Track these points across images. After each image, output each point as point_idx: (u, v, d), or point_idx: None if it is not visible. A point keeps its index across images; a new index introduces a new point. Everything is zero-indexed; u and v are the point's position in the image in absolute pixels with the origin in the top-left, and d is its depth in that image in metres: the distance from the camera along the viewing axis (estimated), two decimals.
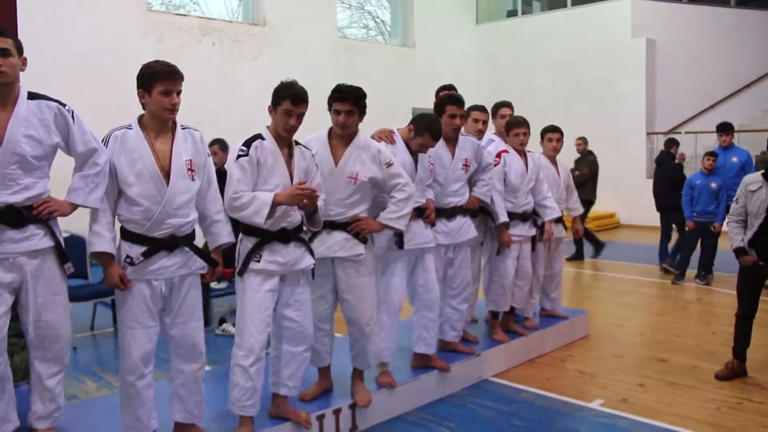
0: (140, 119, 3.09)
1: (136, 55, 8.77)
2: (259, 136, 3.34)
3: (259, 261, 3.31)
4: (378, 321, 3.96)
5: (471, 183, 4.67)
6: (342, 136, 3.68)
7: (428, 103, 4.21)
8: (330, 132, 3.72)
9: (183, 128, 3.16)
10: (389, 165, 3.75)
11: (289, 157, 3.38)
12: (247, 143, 3.30)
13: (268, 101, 3.33)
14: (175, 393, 3.26)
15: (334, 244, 3.68)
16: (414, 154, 4.09)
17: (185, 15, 10.52)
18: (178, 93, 3.03)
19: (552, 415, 4.15)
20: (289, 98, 3.27)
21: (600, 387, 4.60)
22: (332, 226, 3.68)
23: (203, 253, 3.21)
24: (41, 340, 3.08)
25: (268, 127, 3.39)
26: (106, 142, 3.07)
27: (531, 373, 4.90)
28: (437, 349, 4.51)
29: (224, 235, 3.30)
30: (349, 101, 3.58)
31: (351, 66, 12.03)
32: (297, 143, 3.46)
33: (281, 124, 3.30)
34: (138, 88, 3.02)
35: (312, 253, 3.50)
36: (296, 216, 3.41)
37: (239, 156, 3.26)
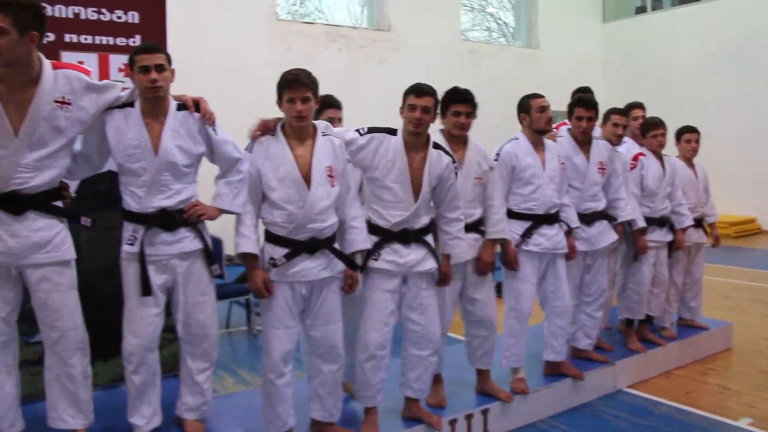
0: (282, 126, 3.20)
1: (265, 63, 9.17)
2: (390, 131, 3.41)
3: (377, 260, 3.35)
4: (508, 327, 3.94)
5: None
6: (459, 137, 3.70)
7: (554, 105, 4.13)
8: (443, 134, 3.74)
9: (324, 135, 3.24)
10: (492, 169, 3.81)
11: (422, 161, 3.40)
12: (372, 129, 3.41)
13: (393, 106, 3.39)
14: (314, 392, 3.36)
15: (467, 246, 3.70)
16: (540, 152, 4.08)
17: (312, 23, 10.83)
18: (305, 100, 3.08)
19: (694, 431, 3.95)
20: (413, 92, 3.32)
21: (747, 405, 4.31)
22: (465, 227, 3.68)
23: (344, 256, 3.28)
24: (191, 338, 3.25)
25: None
26: (250, 147, 3.20)
27: (668, 385, 4.68)
28: (570, 356, 4.41)
29: (359, 241, 3.34)
30: (469, 102, 3.63)
31: (474, 69, 11.96)
32: (438, 147, 3.48)
33: (406, 119, 3.34)
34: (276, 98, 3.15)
35: (436, 256, 3.50)
36: (422, 219, 3.43)
37: (356, 130, 3.39)
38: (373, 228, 3.40)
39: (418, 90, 3.32)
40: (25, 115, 2.76)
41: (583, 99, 4.35)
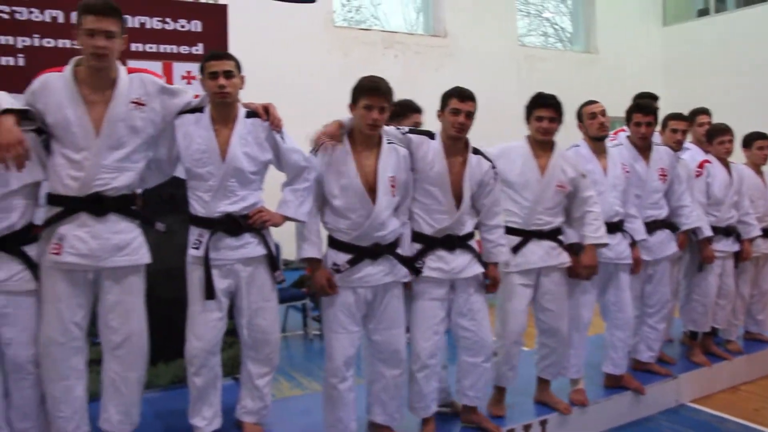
0: (349, 133, 3.21)
1: (322, 70, 9.24)
2: (429, 134, 3.40)
3: (422, 267, 3.34)
4: (568, 337, 3.89)
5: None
6: (543, 142, 3.66)
7: (612, 111, 4.06)
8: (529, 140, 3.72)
9: (389, 143, 3.24)
10: (584, 176, 3.72)
11: (461, 166, 3.38)
12: (412, 131, 3.40)
13: None
14: (376, 396, 3.37)
15: (543, 254, 3.66)
16: (602, 159, 4.02)
17: (368, 29, 10.87)
18: (382, 110, 3.10)
19: None
20: (456, 95, 3.29)
21: None
22: (539, 235, 3.64)
23: (407, 261, 3.28)
24: (253, 342, 3.28)
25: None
26: (315, 150, 3.22)
27: (735, 401, 4.54)
28: (631, 368, 4.31)
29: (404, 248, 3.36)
30: (552, 107, 3.59)
31: (532, 74, 11.81)
32: (477, 152, 3.45)
33: (449, 123, 3.31)
34: (350, 102, 3.16)
35: (480, 260, 3.47)
36: (466, 225, 3.40)
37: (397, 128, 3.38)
38: (416, 236, 3.39)
39: (462, 94, 3.30)
40: (104, 115, 2.87)
41: (641, 104, 4.27)
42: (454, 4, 11.18)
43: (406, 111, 3.64)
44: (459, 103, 3.28)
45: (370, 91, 3.09)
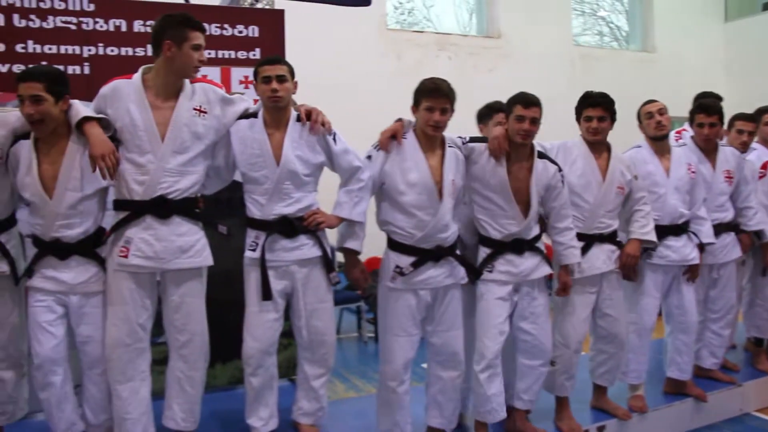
0: (415, 129, 3.23)
1: (376, 72, 9.27)
2: (482, 140, 3.37)
3: (491, 272, 3.32)
4: (629, 342, 3.80)
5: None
6: (595, 143, 3.59)
7: (672, 111, 3.96)
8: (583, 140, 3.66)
9: (450, 147, 3.24)
10: (636, 178, 3.67)
11: (527, 171, 3.34)
12: (474, 139, 3.40)
13: None
14: (433, 399, 3.37)
15: (606, 258, 3.61)
16: (665, 160, 3.92)
17: (422, 32, 10.86)
18: (444, 111, 3.10)
19: None
20: (520, 102, 3.25)
21: None
22: (600, 238, 3.58)
23: (467, 262, 3.28)
24: (309, 344, 3.31)
25: None
26: (372, 154, 3.23)
27: None
28: (693, 375, 4.19)
29: None
30: (601, 106, 3.52)
31: (587, 75, 11.61)
32: (543, 156, 3.40)
33: (515, 130, 3.27)
34: (412, 104, 3.18)
35: (549, 263, 3.42)
36: (534, 229, 3.37)
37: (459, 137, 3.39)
38: (484, 239, 3.38)
39: (526, 100, 3.25)
40: (168, 121, 2.98)
41: (704, 104, 4.14)
42: (507, 4, 11.08)
43: (491, 111, 3.59)
44: (523, 109, 3.24)
45: (431, 93, 3.10)
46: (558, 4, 11.90)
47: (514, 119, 3.26)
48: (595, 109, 3.54)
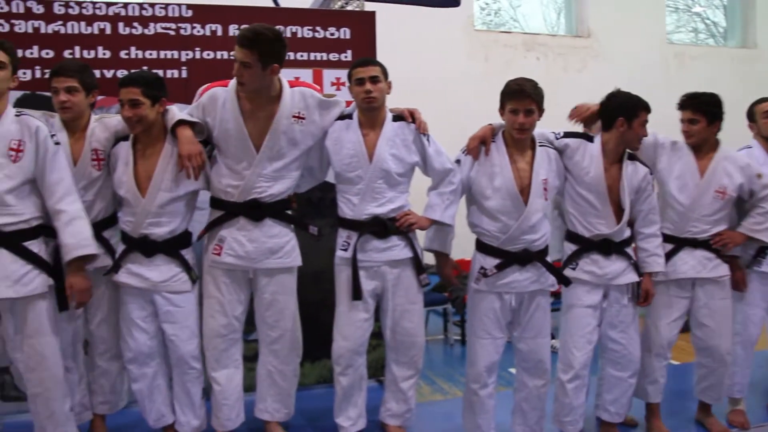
0: (504, 132, 3.20)
1: (463, 74, 9.21)
2: (587, 137, 3.29)
3: (574, 269, 3.23)
4: (732, 353, 3.60)
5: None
6: (694, 146, 3.44)
7: None
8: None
9: (540, 145, 3.19)
10: (759, 176, 3.46)
11: (617, 172, 3.25)
12: (568, 134, 3.33)
13: None
14: (518, 406, 3.32)
15: (696, 264, 3.43)
16: None
17: (509, 32, 10.74)
18: (528, 113, 3.04)
19: None
20: (645, 109, 3.18)
21: None
22: (694, 243, 3.43)
23: (556, 269, 3.21)
24: (398, 345, 3.32)
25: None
26: (462, 158, 3.22)
27: None
28: None
29: None
30: (689, 108, 3.40)
31: (681, 74, 11.21)
32: (633, 158, 3.31)
33: (633, 136, 3.19)
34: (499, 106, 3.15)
35: (637, 269, 3.30)
36: (625, 231, 3.27)
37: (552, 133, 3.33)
38: (571, 236, 3.31)
39: (647, 107, 3.19)
40: (266, 129, 3.05)
41: None
42: (597, 2, 10.82)
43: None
44: (647, 114, 3.20)
45: (515, 95, 3.04)
46: (650, 1, 11.53)
47: (639, 125, 3.20)
48: (684, 111, 3.42)
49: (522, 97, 3.03)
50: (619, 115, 3.18)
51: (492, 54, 10.01)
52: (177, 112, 3.10)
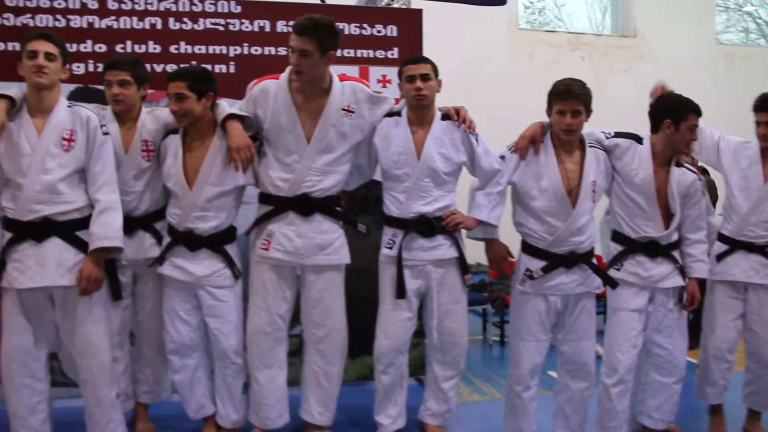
0: (551, 132, 3.16)
1: (507, 73, 9.14)
2: (636, 138, 3.24)
3: (619, 269, 3.19)
4: None
5: None
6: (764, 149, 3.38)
7: None
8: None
9: (590, 146, 3.14)
10: None
11: (666, 175, 3.19)
12: (619, 134, 3.26)
13: (641, 115, 3.22)
14: (559, 408, 3.29)
15: (748, 268, 3.38)
16: None
17: (554, 31, 10.64)
18: (575, 114, 3.00)
19: None
20: (695, 111, 3.11)
21: None
22: (749, 247, 3.37)
23: (602, 272, 3.17)
24: (441, 345, 3.31)
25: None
26: (507, 158, 3.18)
27: None
28: None
29: None
30: (765, 111, 3.32)
31: (731, 75, 10.97)
32: (680, 165, 3.24)
33: (680, 139, 3.12)
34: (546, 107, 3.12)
35: (683, 273, 3.24)
36: (673, 234, 3.21)
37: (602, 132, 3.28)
38: (618, 236, 3.26)
39: (697, 109, 3.13)
40: (316, 121, 3.07)
41: None
42: (645, 2, 10.66)
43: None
44: (697, 118, 3.15)
45: (562, 95, 3.00)
46: (699, 0, 11.32)
47: (687, 129, 3.14)
48: (760, 113, 3.35)
49: (569, 98, 2.98)
50: (667, 117, 3.13)
51: (536, 53, 9.92)
52: (227, 106, 3.13)
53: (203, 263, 3.13)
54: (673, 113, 3.11)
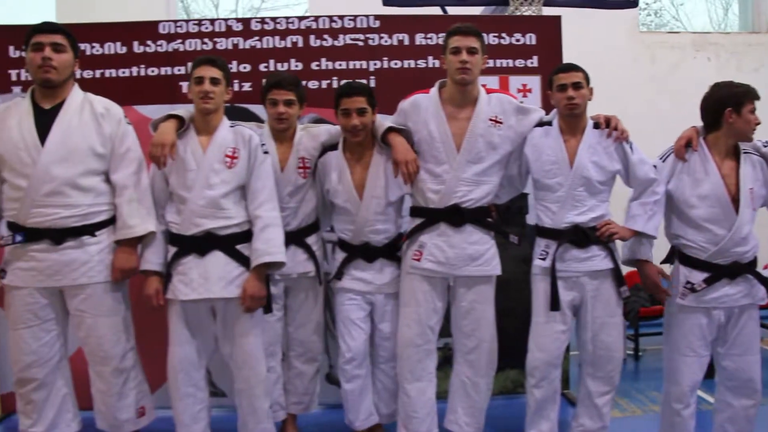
0: (705, 138, 3.06)
1: (629, 78, 8.84)
2: None
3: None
4: None
5: None
6: None
7: None
8: None
9: (744, 152, 3.01)
10: None
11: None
12: None
13: None
14: (720, 427, 3.15)
15: None
16: None
17: (677, 32, 10.24)
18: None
19: None
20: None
21: None
22: None
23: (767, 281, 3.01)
24: (595, 359, 3.22)
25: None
26: (664, 157, 3.09)
27: None
28: None
29: None
30: None
31: None
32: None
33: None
34: None
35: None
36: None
37: None
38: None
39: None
40: (464, 132, 3.09)
41: None
42: None
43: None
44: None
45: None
46: None
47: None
48: None
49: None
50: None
51: (658, 56, 9.56)
52: (383, 120, 3.21)
53: (381, 272, 3.25)
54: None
